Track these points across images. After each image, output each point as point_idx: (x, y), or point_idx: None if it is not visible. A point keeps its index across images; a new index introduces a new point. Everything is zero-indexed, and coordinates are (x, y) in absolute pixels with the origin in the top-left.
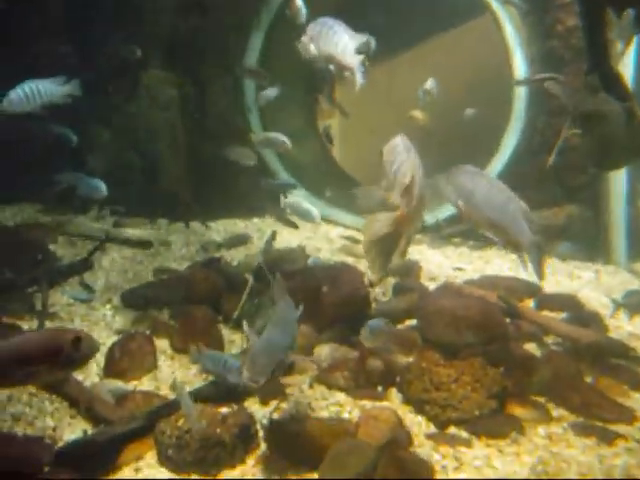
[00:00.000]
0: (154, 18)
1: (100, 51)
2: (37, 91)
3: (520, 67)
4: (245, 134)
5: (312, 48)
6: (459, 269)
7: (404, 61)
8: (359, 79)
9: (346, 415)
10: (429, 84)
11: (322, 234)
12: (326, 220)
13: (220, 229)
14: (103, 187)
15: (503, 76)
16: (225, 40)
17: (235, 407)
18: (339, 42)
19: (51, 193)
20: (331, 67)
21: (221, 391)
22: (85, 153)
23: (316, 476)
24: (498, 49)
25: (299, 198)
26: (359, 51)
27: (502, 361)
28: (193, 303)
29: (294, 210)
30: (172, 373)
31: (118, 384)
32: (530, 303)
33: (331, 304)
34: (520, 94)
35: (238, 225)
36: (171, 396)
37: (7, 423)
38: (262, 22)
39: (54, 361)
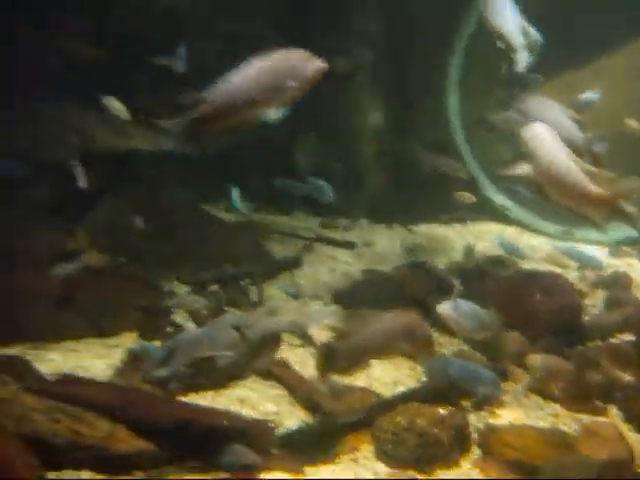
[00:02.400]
0: (363, 23)
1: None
2: None
3: None
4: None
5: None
6: None
7: (611, 64)
8: (520, 60)
9: (563, 427)
10: (587, 95)
11: (524, 242)
12: (523, 225)
13: (422, 232)
14: (330, 192)
15: None
16: (429, 43)
17: (450, 409)
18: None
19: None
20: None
21: (436, 393)
22: (294, 154)
23: None
24: None
25: (575, 244)
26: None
27: None
28: (402, 303)
29: (571, 255)
30: (384, 372)
31: (334, 378)
32: None
33: (544, 313)
34: None
35: (439, 230)
36: (386, 394)
37: (235, 405)
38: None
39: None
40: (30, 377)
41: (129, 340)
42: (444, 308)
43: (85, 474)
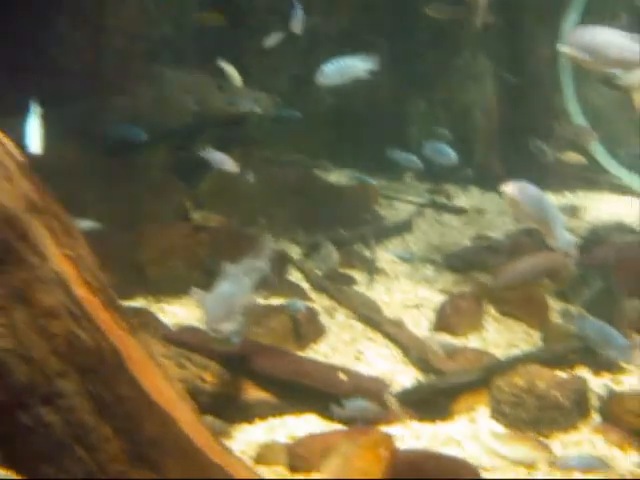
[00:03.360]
0: None
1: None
2: (346, 66)
3: None
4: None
5: None
6: None
7: None
8: None
9: None
10: None
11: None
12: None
13: None
14: (454, 155)
15: None
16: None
17: (571, 373)
18: None
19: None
20: None
21: (551, 356)
22: (405, 123)
23: None
24: None
25: None
26: None
27: None
28: None
29: None
30: (498, 335)
31: (448, 339)
32: None
33: None
34: None
35: (550, 198)
36: (500, 356)
37: (350, 361)
38: None
39: None
40: (154, 327)
41: None
42: (509, 187)
43: (209, 419)
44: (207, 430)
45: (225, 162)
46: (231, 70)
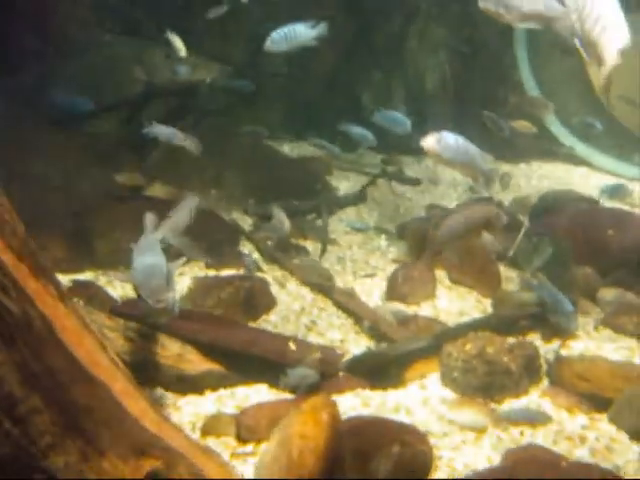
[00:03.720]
0: None
1: None
2: (294, 33)
3: None
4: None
5: None
6: None
7: None
8: None
9: (638, 361)
10: None
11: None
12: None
13: None
14: (408, 123)
15: None
16: None
17: (521, 339)
18: None
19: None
20: None
21: (502, 323)
22: (359, 92)
23: (605, 417)
24: None
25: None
26: None
27: None
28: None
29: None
30: (450, 303)
31: (400, 307)
32: None
33: (615, 248)
34: None
35: (504, 168)
36: (450, 323)
37: (302, 331)
38: None
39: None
40: (101, 300)
41: (195, 269)
42: (427, 140)
43: (158, 392)
44: (144, 399)
45: (172, 136)
46: (175, 39)
